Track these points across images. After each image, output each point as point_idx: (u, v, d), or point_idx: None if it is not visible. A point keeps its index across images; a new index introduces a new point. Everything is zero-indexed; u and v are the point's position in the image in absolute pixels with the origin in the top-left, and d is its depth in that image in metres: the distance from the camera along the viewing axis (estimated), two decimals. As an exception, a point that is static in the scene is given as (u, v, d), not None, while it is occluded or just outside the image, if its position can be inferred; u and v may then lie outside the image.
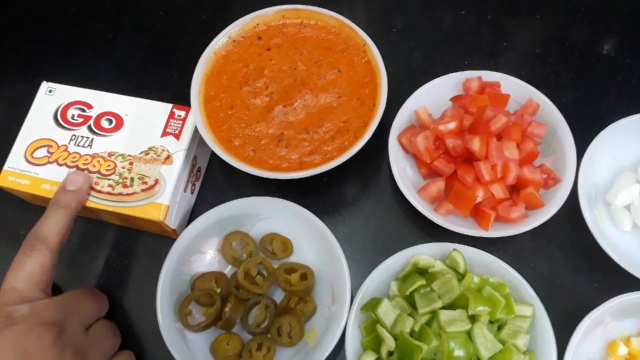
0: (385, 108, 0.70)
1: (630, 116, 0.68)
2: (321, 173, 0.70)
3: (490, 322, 0.60)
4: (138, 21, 0.88)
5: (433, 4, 0.86)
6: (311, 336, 0.64)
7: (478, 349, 0.56)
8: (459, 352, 0.56)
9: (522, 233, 0.64)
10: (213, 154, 0.65)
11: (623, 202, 0.67)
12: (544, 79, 0.78)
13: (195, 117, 0.66)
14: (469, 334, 0.57)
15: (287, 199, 0.67)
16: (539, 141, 0.68)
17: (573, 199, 0.65)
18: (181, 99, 0.70)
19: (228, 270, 0.69)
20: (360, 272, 0.69)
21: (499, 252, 0.68)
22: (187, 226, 0.66)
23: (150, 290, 0.64)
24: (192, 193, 0.72)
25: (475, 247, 0.63)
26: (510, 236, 0.65)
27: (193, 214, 0.73)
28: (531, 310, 0.60)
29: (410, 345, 0.56)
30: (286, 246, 0.68)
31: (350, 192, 0.74)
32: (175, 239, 0.66)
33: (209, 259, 0.68)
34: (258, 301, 0.65)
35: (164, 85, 0.80)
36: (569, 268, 0.68)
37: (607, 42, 0.81)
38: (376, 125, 0.64)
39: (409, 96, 0.71)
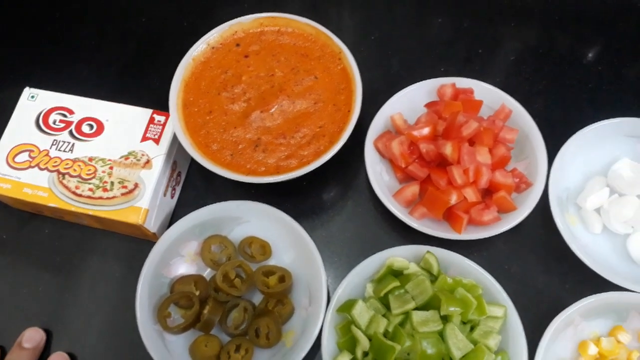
0: (363, 114, 0.72)
1: (600, 122, 0.70)
2: (301, 177, 0.72)
3: (463, 322, 0.61)
4: (121, 28, 0.89)
5: (411, 12, 0.88)
6: (289, 337, 0.65)
7: (450, 349, 0.58)
8: (431, 352, 0.57)
9: (496, 236, 0.66)
10: (193, 158, 0.66)
11: (593, 206, 0.69)
12: (518, 86, 0.80)
13: (173, 122, 0.67)
14: (441, 334, 0.59)
15: (267, 203, 0.68)
16: (511, 146, 0.70)
17: (545, 203, 0.67)
18: (162, 104, 0.71)
19: (207, 273, 0.69)
20: (338, 274, 0.70)
21: (473, 254, 0.69)
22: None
23: (129, 293, 0.65)
24: (172, 197, 0.73)
25: (451, 250, 0.65)
26: (484, 239, 0.67)
27: (173, 218, 0.74)
28: (503, 311, 0.61)
29: (384, 346, 0.58)
30: (265, 249, 0.69)
31: (329, 196, 0.76)
32: (155, 242, 0.67)
33: (188, 262, 0.69)
34: (237, 303, 0.66)
35: (146, 91, 0.81)
36: (542, 270, 0.69)
37: (579, 50, 0.83)
38: (351, 130, 0.65)
39: (386, 102, 0.73)
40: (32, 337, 0.66)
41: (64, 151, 0.70)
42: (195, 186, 0.76)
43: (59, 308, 0.70)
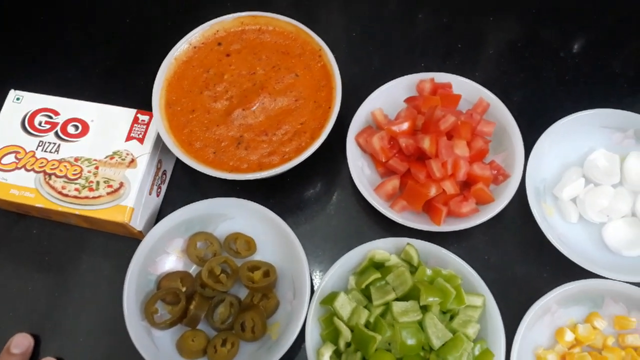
0: (345, 110, 0.73)
1: (575, 114, 0.72)
2: (285, 174, 0.73)
3: (443, 312, 0.63)
4: (106, 29, 0.90)
5: (391, 8, 0.89)
6: (274, 330, 0.67)
7: (429, 338, 0.59)
8: (411, 342, 0.58)
9: (476, 227, 0.67)
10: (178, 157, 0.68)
11: (569, 196, 0.70)
12: (497, 79, 0.81)
13: (156, 122, 0.68)
14: (420, 324, 0.60)
15: (252, 200, 0.70)
16: (489, 139, 0.71)
17: (523, 194, 0.68)
18: (147, 104, 0.72)
19: (193, 269, 0.71)
20: (322, 267, 0.72)
21: (454, 246, 0.71)
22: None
23: (117, 291, 0.66)
24: (157, 195, 0.74)
25: (432, 241, 0.66)
26: (464, 231, 0.68)
27: (160, 216, 0.75)
28: (481, 300, 0.63)
29: (366, 336, 0.59)
30: (250, 245, 0.71)
31: (313, 192, 0.77)
32: (141, 240, 0.68)
33: (174, 259, 0.71)
34: (223, 299, 0.68)
35: (131, 91, 0.82)
36: (520, 260, 0.71)
37: (557, 43, 0.85)
38: (331, 126, 0.67)
39: (367, 98, 0.74)
40: (21, 342, 0.67)
41: (50, 152, 0.71)
42: (180, 184, 0.77)
43: (49, 307, 0.71)
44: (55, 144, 0.72)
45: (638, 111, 0.72)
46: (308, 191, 0.77)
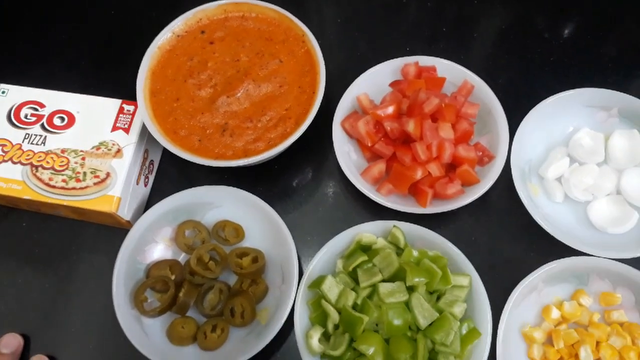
0: (332, 95, 0.73)
1: (559, 94, 0.72)
2: (272, 161, 0.73)
3: (430, 292, 0.63)
4: (91, 21, 0.90)
5: (376, -7, 0.89)
6: (263, 315, 0.67)
7: (416, 318, 0.60)
8: (397, 322, 0.59)
9: (463, 209, 0.68)
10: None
11: (554, 175, 0.71)
12: (482, 62, 0.82)
13: (141, 111, 0.68)
14: (407, 305, 0.61)
15: (240, 188, 0.70)
16: (473, 121, 0.72)
17: (509, 175, 0.69)
18: (132, 94, 0.72)
19: (182, 257, 0.71)
20: (311, 252, 0.72)
21: (441, 227, 0.71)
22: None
23: (107, 281, 0.66)
24: (145, 185, 0.75)
25: (420, 224, 0.66)
26: (451, 212, 0.68)
27: (148, 206, 0.75)
28: (468, 280, 0.63)
29: (353, 318, 0.60)
30: (238, 232, 0.71)
31: (301, 177, 0.77)
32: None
33: (163, 247, 0.71)
34: (212, 285, 0.68)
35: (118, 82, 0.81)
36: (507, 239, 0.71)
37: (541, 24, 0.85)
38: (316, 111, 0.67)
39: (352, 83, 0.74)
40: (10, 342, 0.67)
41: (37, 144, 0.71)
42: (168, 173, 0.78)
43: (40, 299, 0.71)
44: (41, 136, 0.72)
45: (622, 90, 0.72)
46: (296, 177, 0.77)
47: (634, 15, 0.86)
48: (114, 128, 0.71)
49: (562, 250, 0.66)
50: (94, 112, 0.72)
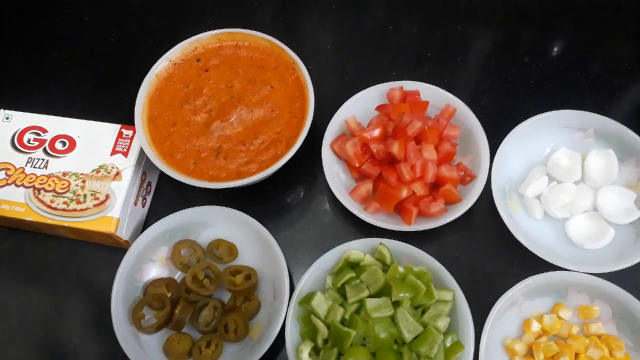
0: (321, 119, 0.77)
1: (538, 115, 0.75)
2: (265, 181, 0.77)
3: (415, 307, 0.66)
4: (90, 48, 0.94)
5: (363, 20, 0.93)
6: (256, 331, 0.70)
7: (401, 332, 0.62)
8: (383, 335, 0.62)
9: (447, 226, 0.71)
10: (161, 169, 0.71)
11: (534, 193, 0.74)
12: (464, 85, 0.85)
13: (139, 136, 0.72)
14: (393, 319, 0.63)
15: (235, 208, 0.73)
16: (455, 142, 0.75)
17: (490, 193, 0.72)
18: (131, 119, 0.76)
19: (178, 275, 0.74)
20: (302, 269, 0.75)
21: (426, 244, 0.74)
22: (138, 237, 0.72)
23: (106, 298, 0.69)
24: (143, 206, 0.78)
25: (406, 241, 0.69)
26: (436, 230, 0.71)
27: (145, 226, 0.78)
28: (451, 295, 0.66)
29: (341, 332, 0.62)
30: (231, 251, 0.74)
31: (292, 197, 0.80)
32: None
33: (159, 266, 0.74)
34: (207, 302, 0.71)
35: (116, 107, 0.86)
36: (489, 255, 0.74)
37: (521, 49, 0.89)
38: (305, 135, 0.70)
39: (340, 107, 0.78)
40: None
41: (39, 168, 0.75)
42: (165, 195, 0.81)
43: (41, 317, 0.74)
44: (43, 159, 0.75)
45: (598, 111, 0.76)
46: (287, 197, 0.80)
47: (611, 40, 0.90)
48: (113, 152, 0.74)
49: (542, 266, 0.69)
50: (94, 137, 0.76)
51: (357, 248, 0.69)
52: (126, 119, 0.77)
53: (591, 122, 0.76)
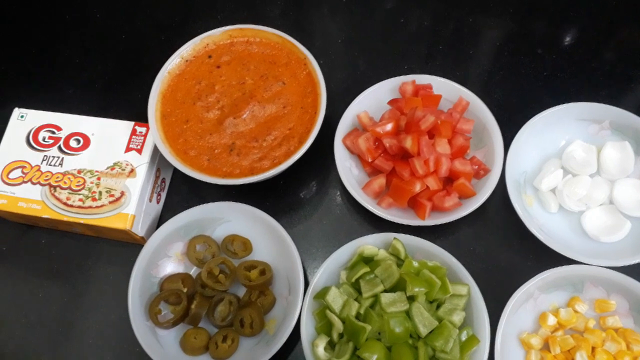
0: (334, 113, 0.77)
1: (552, 108, 0.75)
2: (278, 177, 0.77)
3: (430, 302, 0.66)
4: (102, 46, 0.94)
5: (374, 14, 0.93)
6: (271, 325, 0.70)
7: (416, 326, 0.63)
8: (399, 330, 0.62)
9: (461, 220, 0.71)
10: (175, 165, 0.72)
11: (548, 187, 0.73)
12: (477, 78, 0.85)
13: (153, 133, 0.72)
14: (407, 314, 0.63)
15: (248, 203, 0.73)
16: (469, 136, 0.75)
17: (505, 187, 0.71)
18: (144, 116, 0.76)
19: (193, 271, 0.74)
20: (316, 264, 0.75)
21: (440, 239, 0.74)
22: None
23: (122, 294, 0.70)
24: (157, 202, 0.78)
25: (420, 236, 0.69)
26: (450, 224, 0.71)
27: (160, 222, 0.79)
28: (466, 289, 0.66)
29: (356, 327, 0.63)
30: (246, 246, 0.74)
31: (305, 193, 0.81)
32: (143, 245, 0.72)
33: (175, 261, 0.74)
34: (222, 297, 0.71)
35: (129, 104, 0.86)
36: (504, 249, 0.74)
37: (534, 40, 0.88)
38: (317, 130, 0.70)
39: (352, 102, 0.78)
40: None
41: (54, 165, 0.75)
42: (179, 191, 0.81)
43: (59, 312, 0.75)
44: (59, 157, 0.76)
45: (613, 102, 0.75)
46: (300, 192, 0.81)
47: (625, 29, 0.89)
48: (127, 149, 0.75)
49: (557, 259, 0.69)
50: (108, 134, 0.76)
51: (370, 243, 0.69)
52: (139, 116, 0.77)
53: (607, 114, 0.75)
